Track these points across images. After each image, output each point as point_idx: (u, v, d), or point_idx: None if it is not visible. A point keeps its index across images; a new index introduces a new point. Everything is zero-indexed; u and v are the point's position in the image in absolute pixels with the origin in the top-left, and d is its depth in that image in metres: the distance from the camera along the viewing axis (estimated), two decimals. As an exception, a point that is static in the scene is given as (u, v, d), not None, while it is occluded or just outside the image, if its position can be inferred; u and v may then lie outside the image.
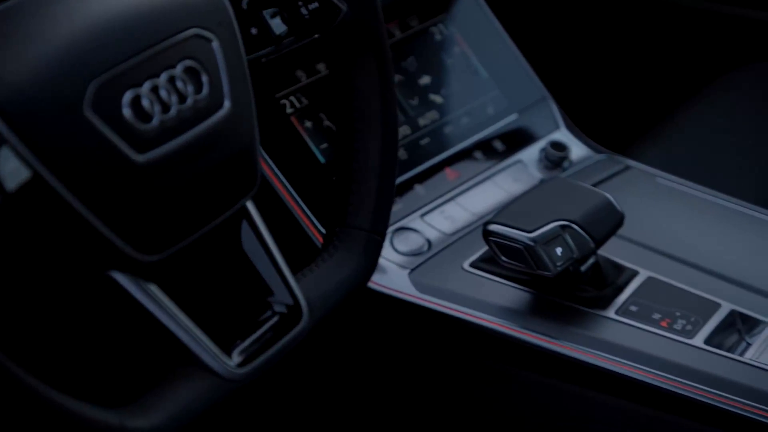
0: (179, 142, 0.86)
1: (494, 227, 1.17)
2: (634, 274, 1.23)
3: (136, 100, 0.84)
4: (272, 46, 1.06)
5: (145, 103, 0.84)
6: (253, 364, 0.92)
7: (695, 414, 1.13)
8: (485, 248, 1.23)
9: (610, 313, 1.19)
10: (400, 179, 1.33)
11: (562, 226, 1.16)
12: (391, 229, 1.29)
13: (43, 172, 0.80)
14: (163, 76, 0.85)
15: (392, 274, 1.26)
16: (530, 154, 1.42)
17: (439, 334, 1.25)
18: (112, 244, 0.84)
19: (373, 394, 1.33)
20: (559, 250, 1.15)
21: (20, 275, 0.92)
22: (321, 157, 1.30)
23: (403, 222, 1.31)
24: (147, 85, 0.84)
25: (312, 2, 1.04)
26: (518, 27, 1.55)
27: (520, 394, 1.23)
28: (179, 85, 0.86)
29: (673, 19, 1.78)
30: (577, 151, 1.43)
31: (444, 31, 1.45)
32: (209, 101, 0.88)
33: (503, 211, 1.19)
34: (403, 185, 1.33)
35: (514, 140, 1.43)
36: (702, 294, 1.20)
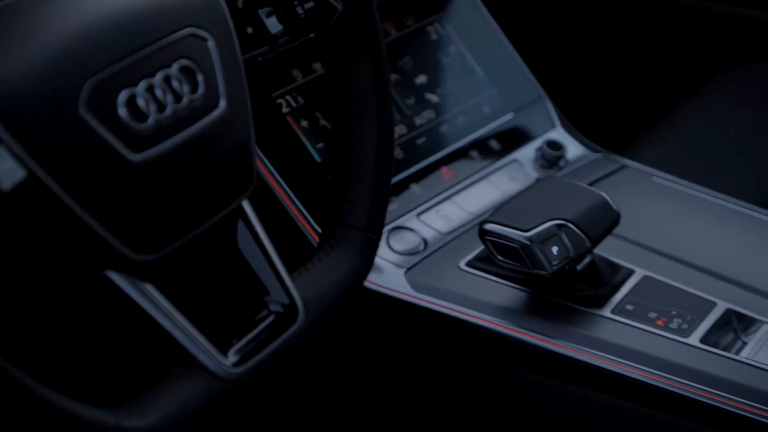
0: (175, 142, 0.86)
1: (490, 226, 1.17)
2: (630, 273, 1.23)
3: (131, 99, 0.84)
4: (268, 46, 1.06)
5: (141, 103, 0.84)
6: (249, 364, 0.92)
7: (691, 413, 1.13)
8: (481, 247, 1.23)
9: (606, 312, 1.19)
10: (397, 178, 1.33)
11: (558, 225, 1.16)
12: (387, 228, 1.29)
13: (39, 171, 0.80)
14: (159, 76, 0.85)
15: (388, 274, 1.25)
16: (526, 153, 1.42)
17: (435, 334, 1.24)
18: (107, 244, 0.84)
19: (370, 394, 1.33)
20: (555, 249, 1.15)
21: (16, 275, 0.92)
22: (317, 156, 1.30)
23: (400, 221, 1.31)
24: (142, 85, 0.84)
25: (307, 1, 1.04)
26: (514, 26, 1.55)
27: (516, 393, 1.23)
28: (175, 84, 0.86)
29: (669, 19, 1.78)
30: (573, 150, 1.43)
31: (440, 31, 1.45)
32: (205, 101, 0.88)
33: (499, 211, 1.19)
34: (400, 184, 1.33)
35: (510, 139, 1.43)
36: (698, 293, 1.20)
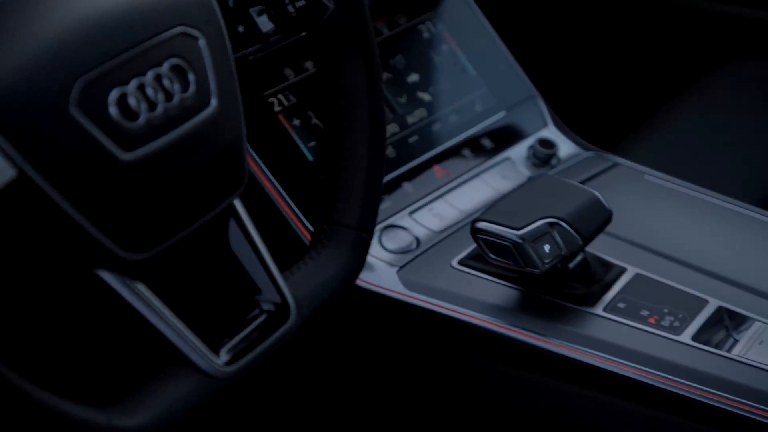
0: (166, 141, 0.86)
1: (482, 225, 1.17)
2: (622, 271, 1.23)
3: (122, 98, 0.83)
4: (259, 44, 1.06)
5: (132, 102, 0.84)
6: (241, 363, 0.92)
7: (683, 410, 1.13)
8: (474, 246, 1.23)
9: (598, 310, 1.19)
10: (389, 177, 1.33)
11: (550, 224, 1.16)
12: (379, 226, 1.29)
13: (29, 170, 0.80)
14: (150, 74, 0.85)
15: (381, 272, 1.25)
16: (518, 152, 1.42)
17: (427, 332, 1.24)
18: (98, 243, 0.84)
19: (362, 392, 1.33)
20: (547, 248, 1.15)
21: (7, 274, 0.92)
22: (309, 155, 1.30)
23: (392, 220, 1.31)
24: (133, 84, 0.84)
25: (299, 0, 1.04)
26: (506, 24, 1.55)
27: (508, 391, 1.23)
28: (166, 83, 0.86)
29: (661, 17, 1.78)
30: (565, 148, 1.43)
31: (432, 29, 1.45)
32: (196, 99, 0.88)
33: (491, 209, 1.19)
34: (392, 183, 1.33)
35: (503, 138, 1.43)
36: (690, 291, 1.20)
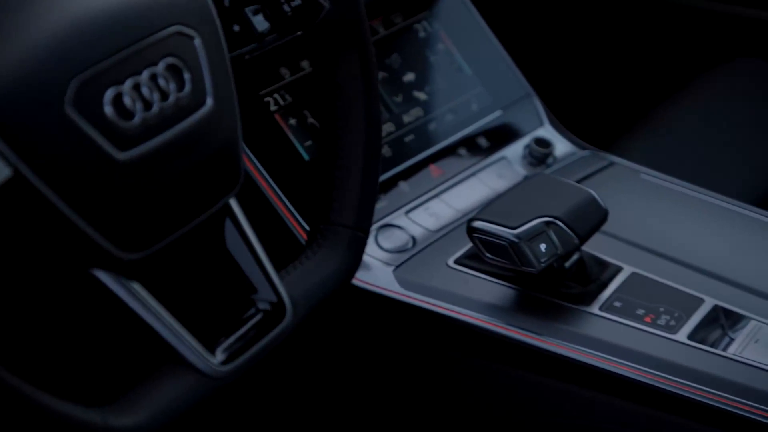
0: (161, 140, 0.86)
1: (478, 224, 1.17)
2: (618, 270, 1.23)
3: (117, 97, 0.83)
4: (255, 44, 1.06)
5: (127, 101, 0.84)
6: (237, 362, 0.92)
7: (678, 409, 1.13)
8: (470, 245, 1.23)
9: (594, 309, 1.19)
10: (385, 176, 1.33)
11: (546, 223, 1.16)
12: (375, 226, 1.29)
13: (24, 170, 0.80)
14: (145, 74, 0.85)
15: (377, 271, 1.25)
16: (514, 151, 1.42)
17: (423, 331, 1.24)
18: (94, 242, 0.83)
19: (359, 391, 1.33)
20: (543, 247, 1.15)
21: (2, 274, 0.92)
22: (305, 154, 1.30)
23: (388, 219, 1.31)
24: (129, 83, 0.84)
25: (294, -1, 1.04)
26: (502, 24, 1.55)
27: (505, 391, 1.23)
28: (161, 82, 0.86)
29: (657, 16, 1.79)
30: (561, 147, 1.43)
31: (428, 28, 1.45)
32: (191, 99, 0.88)
33: (487, 208, 1.19)
34: (388, 182, 1.33)
35: (499, 137, 1.43)
36: (685, 289, 1.20)
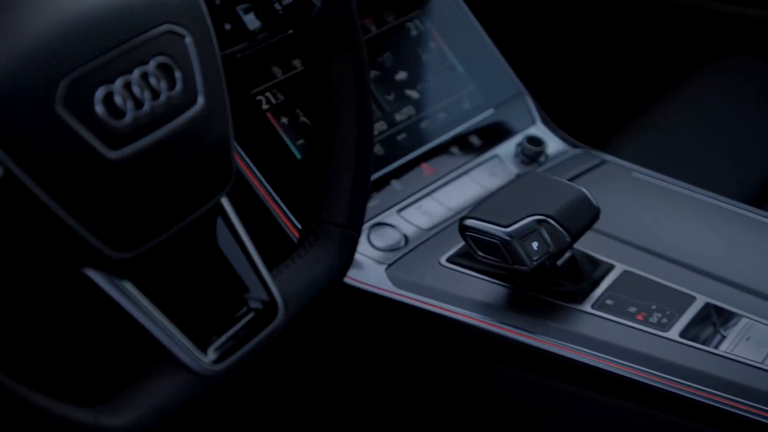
0: (152, 139, 0.85)
1: (470, 222, 1.17)
2: (610, 268, 1.23)
3: (108, 96, 0.83)
4: (246, 42, 1.06)
5: (118, 100, 0.84)
6: (229, 361, 0.92)
7: (671, 406, 1.13)
8: (462, 243, 1.23)
9: (587, 307, 1.19)
10: (377, 175, 1.33)
11: (538, 221, 1.16)
12: (367, 224, 1.29)
13: (15, 169, 0.80)
14: (136, 73, 0.85)
15: (369, 270, 1.25)
16: (506, 149, 1.42)
17: (416, 330, 1.24)
18: (85, 242, 0.83)
19: (351, 390, 1.33)
20: (535, 245, 1.15)
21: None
22: (297, 153, 1.30)
23: (380, 217, 1.31)
24: (119, 82, 0.84)
25: (286, -3, 1.04)
26: (494, 22, 1.55)
27: (497, 389, 1.23)
28: (152, 81, 0.86)
29: (649, 14, 1.79)
30: (553, 145, 1.44)
31: (420, 27, 1.45)
32: (183, 97, 0.88)
33: (479, 206, 1.19)
34: (380, 181, 1.33)
35: (491, 135, 1.43)
36: (677, 287, 1.21)
